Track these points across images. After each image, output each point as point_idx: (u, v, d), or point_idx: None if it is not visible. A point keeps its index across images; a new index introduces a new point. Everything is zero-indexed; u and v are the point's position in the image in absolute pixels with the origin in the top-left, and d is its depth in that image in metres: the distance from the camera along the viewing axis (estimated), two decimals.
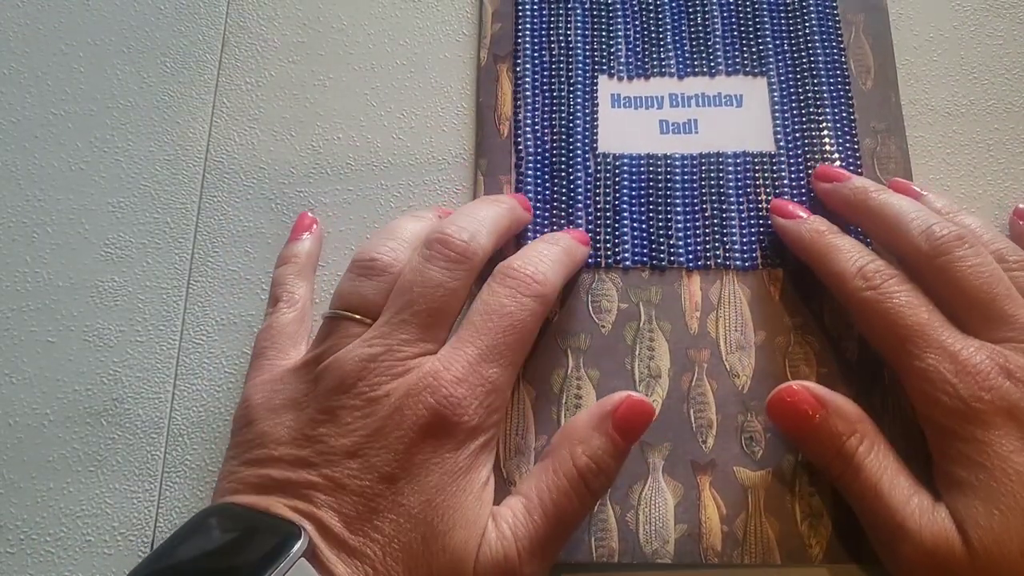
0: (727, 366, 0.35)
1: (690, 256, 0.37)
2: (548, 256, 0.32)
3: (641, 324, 0.36)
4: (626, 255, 0.37)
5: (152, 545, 0.34)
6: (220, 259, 0.39)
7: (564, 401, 0.35)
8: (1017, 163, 0.39)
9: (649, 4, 0.42)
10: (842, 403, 0.30)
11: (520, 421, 0.34)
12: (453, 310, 0.31)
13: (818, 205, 0.37)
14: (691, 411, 0.34)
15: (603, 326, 0.36)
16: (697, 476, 0.33)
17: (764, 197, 0.38)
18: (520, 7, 0.42)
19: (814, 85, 0.40)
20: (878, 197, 0.34)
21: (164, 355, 0.37)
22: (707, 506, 0.33)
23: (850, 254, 0.32)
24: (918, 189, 0.36)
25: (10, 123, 0.42)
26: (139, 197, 0.40)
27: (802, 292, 0.36)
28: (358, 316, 0.31)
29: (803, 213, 0.35)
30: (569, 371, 0.35)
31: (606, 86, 0.40)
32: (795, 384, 0.30)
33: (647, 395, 0.34)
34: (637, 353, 0.35)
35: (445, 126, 0.41)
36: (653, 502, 0.33)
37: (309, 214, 0.38)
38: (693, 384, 0.35)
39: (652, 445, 0.34)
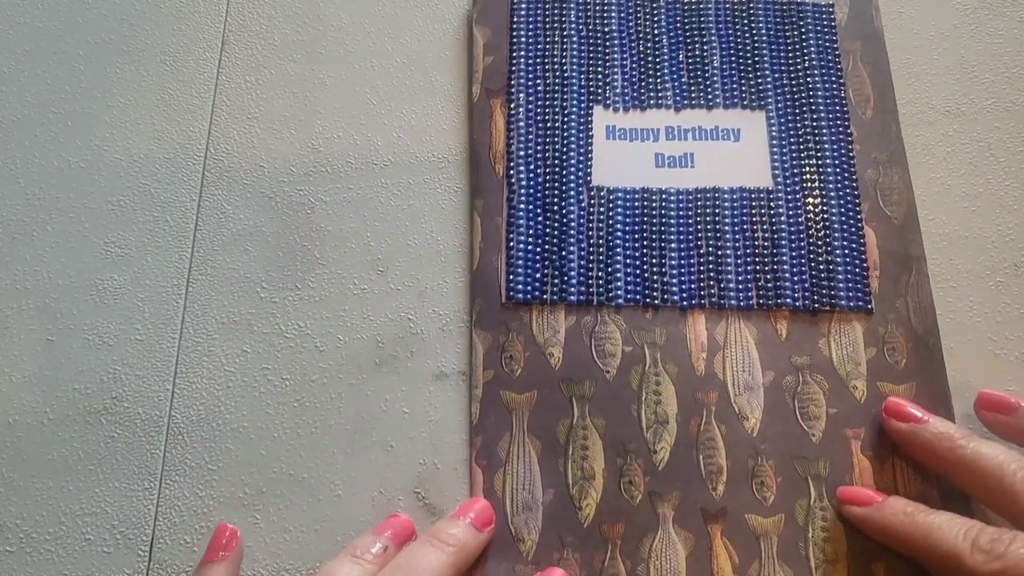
0: (736, 408, 0.34)
1: (685, 295, 0.36)
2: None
3: (647, 367, 0.35)
4: (619, 292, 0.36)
5: (152, 543, 0.34)
6: (220, 258, 0.39)
7: (571, 452, 0.34)
8: (1017, 162, 0.39)
9: (646, 34, 0.41)
10: None
11: (526, 475, 0.33)
12: None
13: (800, 238, 0.37)
14: (700, 457, 0.33)
15: (608, 371, 0.35)
16: (708, 525, 0.32)
17: (761, 235, 0.37)
18: (515, 35, 0.41)
19: (813, 120, 0.39)
20: (968, 447, 0.31)
21: (164, 354, 0.37)
22: (719, 555, 0.32)
23: (953, 529, 0.29)
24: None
25: (10, 121, 0.42)
26: (139, 196, 0.40)
27: (809, 330, 0.35)
28: None
29: (878, 496, 0.32)
30: (575, 420, 0.34)
31: (601, 117, 0.39)
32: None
33: (655, 442, 0.34)
34: (643, 398, 0.34)
35: (445, 124, 0.41)
36: (664, 555, 0.32)
37: (230, 527, 0.33)
38: (702, 429, 0.34)
39: (662, 495, 0.33)
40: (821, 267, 0.36)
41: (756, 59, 0.40)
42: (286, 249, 0.39)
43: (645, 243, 0.37)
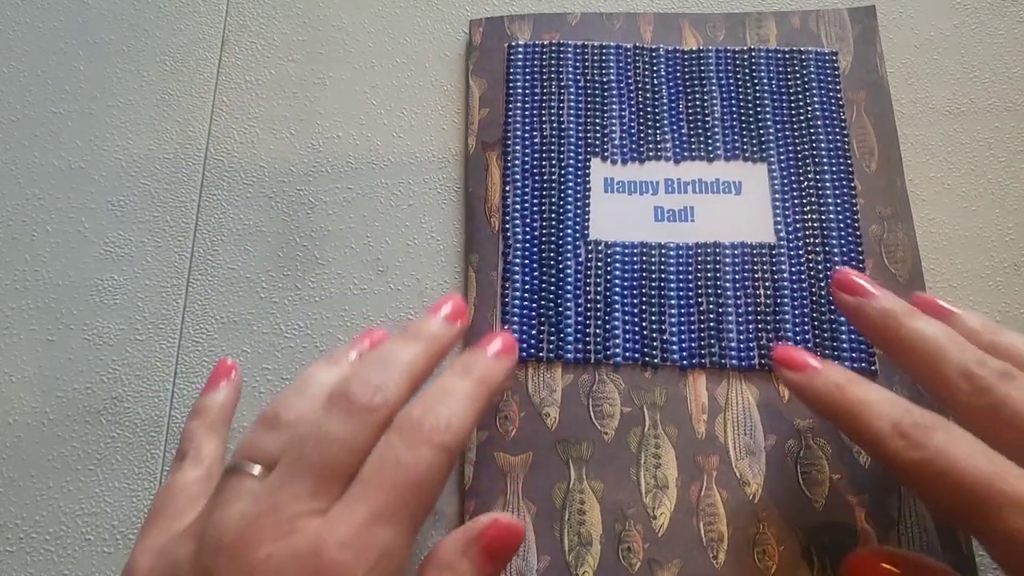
0: (737, 473, 0.33)
1: (684, 353, 0.35)
2: (455, 396, 0.28)
3: (646, 429, 0.34)
4: (617, 350, 0.35)
5: None
6: (220, 257, 0.39)
7: (567, 517, 0.32)
8: (1018, 162, 0.39)
9: (645, 84, 0.40)
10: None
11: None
12: (350, 465, 0.27)
13: (811, 303, 0.35)
14: (701, 524, 0.32)
15: (606, 432, 0.34)
16: None
17: (763, 292, 0.36)
18: (511, 86, 0.40)
19: (816, 174, 0.38)
20: (908, 325, 0.28)
21: (164, 353, 0.37)
22: None
23: (880, 408, 0.27)
24: (947, 306, 0.30)
25: (10, 121, 0.42)
26: (139, 195, 0.40)
27: None
28: (255, 471, 0.28)
29: (814, 362, 0.29)
30: (571, 484, 0.33)
31: (599, 169, 0.38)
32: None
33: (654, 508, 0.33)
34: (642, 461, 0.33)
35: (445, 124, 0.41)
36: None
37: (229, 359, 0.34)
38: (702, 494, 0.33)
39: (661, 563, 0.32)
40: (824, 327, 0.35)
41: (758, 109, 0.39)
42: (286, 249, 0.39)
43: (644, 299, 0.36)
